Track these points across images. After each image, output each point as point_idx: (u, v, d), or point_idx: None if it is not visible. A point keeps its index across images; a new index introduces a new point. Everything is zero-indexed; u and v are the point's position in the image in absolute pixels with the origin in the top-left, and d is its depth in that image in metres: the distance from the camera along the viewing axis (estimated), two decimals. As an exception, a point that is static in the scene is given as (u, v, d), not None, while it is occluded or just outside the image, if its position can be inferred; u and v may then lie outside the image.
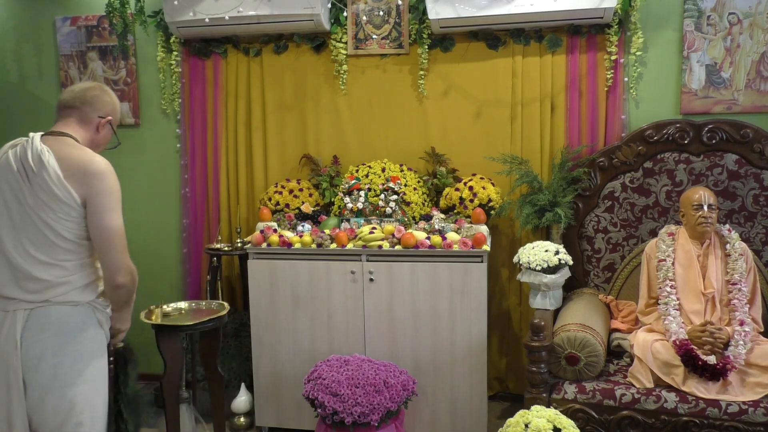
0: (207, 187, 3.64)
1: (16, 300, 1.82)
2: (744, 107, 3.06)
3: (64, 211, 1.81)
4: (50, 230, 1.81)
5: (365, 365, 2.56)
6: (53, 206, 1.80)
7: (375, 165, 3.27)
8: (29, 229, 1.81)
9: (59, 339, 1.83)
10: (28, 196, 1.81)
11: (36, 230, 1.81)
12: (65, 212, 1.81)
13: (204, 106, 3.59)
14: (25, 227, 1.81)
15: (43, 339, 1.81)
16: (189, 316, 2.72)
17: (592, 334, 2.50)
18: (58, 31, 3.70)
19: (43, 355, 1.81)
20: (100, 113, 2.00)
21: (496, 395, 3.44)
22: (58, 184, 1.80)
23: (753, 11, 3.00)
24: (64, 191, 1.80)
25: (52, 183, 1.79)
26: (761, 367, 2.37)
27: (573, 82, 3.18)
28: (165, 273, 3.76)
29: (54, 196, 1.79)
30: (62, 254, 1.83)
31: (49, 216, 1.80)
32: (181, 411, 2.82)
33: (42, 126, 3.76)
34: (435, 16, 3.05)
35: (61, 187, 1.80)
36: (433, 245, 2.83)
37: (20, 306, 1.82)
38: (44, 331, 1.81)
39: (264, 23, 3.25)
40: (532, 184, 3.08)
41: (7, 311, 1.83)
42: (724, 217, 2.94)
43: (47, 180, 1.79)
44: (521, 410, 2.00)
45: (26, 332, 1.81)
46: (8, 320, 1.82)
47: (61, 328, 1.83)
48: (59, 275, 1.83)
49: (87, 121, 1.99)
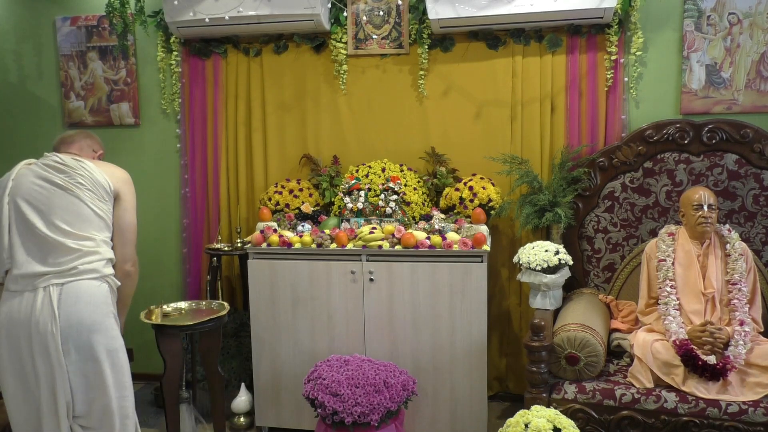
0: (207, 187, 3.64)
1: (48, 275, 2.06)
2: (744, 107, 3.06)
3: (101, 195, 2.18)
4: (86, 208, 2.14)
5: (365, 365, 2.56)
6: (94, 190, 2.16)
7: (375, 165, 3.27)
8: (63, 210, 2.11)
9: (92, 309, 2.09)
10: (67, 183, 2.13)
11: (71, 209, 2.12)
12: (102, 196, 2.18)
13: (204, 106, 3.59)
14: (59, 209, 2.11)
15: (79, 309, 2.07)
16: (189, 316, 2.73)
17: (592, 334, 2.50)
18: (58, 31, 3.70)
19: (81, 323, 2.06)
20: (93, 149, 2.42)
21: (496, 395, 3.44)
22: (101, 175, 2.19)
23: (753, 11, 3.00)
24: (104, 181, 2.19)
25: (96, 173, 2.18)
26: (761, 367, 2.37)
27: (573, 82, 3.18)
28: (165, 273, 3.76)
29: (97, 182, 2.17)
30: (93, 228, 2.15)
31: (87, 196, 2.15)
32: (181, 411, 2.82)
33: (41, 126, 3.79)
34: (435, 16, 3.05)
35: (103, 178, 2.19)
36: (433, 245, 2.83)
37: (50, 281, 2.06)
38: (78, 303, 2.07)
39: (264, 23, 3.25)
40: (532, 184, 3.08)
41: (36, 288, 2.06)
42: (724, 217, 2.94)
43: (91, 171, 2.18)
44: (521, 410, 2.00)
45: (61, 304, 2.05)
46: (40, 295, 2.05)
47: (91, 299, 2.09)
48: (90, 245, 2.13)
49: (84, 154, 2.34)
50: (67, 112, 3.76)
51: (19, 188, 2.14)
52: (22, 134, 3.82)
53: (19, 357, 2.07)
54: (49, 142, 3.73)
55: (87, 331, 2.07)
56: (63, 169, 2.15)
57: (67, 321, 2.04)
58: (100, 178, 2.18)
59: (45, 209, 2.11)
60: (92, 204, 2.15)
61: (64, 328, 2.04)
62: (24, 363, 2.07)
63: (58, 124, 3.79)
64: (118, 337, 2.17)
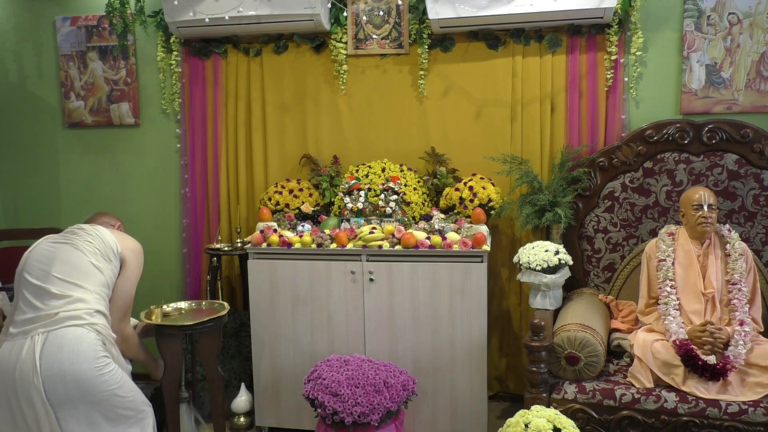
0: (207, 187, 3.64)
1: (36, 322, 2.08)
2: (744, 107, 3.06)
3: (107, 255, 2.27)
4: (88, 263, 2.21)
5: (365, 365, 2.56)
6: (101, 249, 2.26)
7: (375, 165, 3.27)
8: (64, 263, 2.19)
9: (73, 358, 2.05)
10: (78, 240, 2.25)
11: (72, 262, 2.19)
12: (108, 256, 2.27)
13: (204, 106, 3.59)
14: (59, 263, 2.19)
15: (60, 359, 2.04)
16: (189, 316, 2.72)
17: (592, 334, 2.50)
18: (58, 31, 3.70)
19: (64, 373, 2.03)
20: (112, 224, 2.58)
21: (496, 395, 3.44)
22: (110, 237, 2.31)
23: (753, 11, 3.00)
24: (114, 243, 2.30)
25: (106, 235, 2.31)
26: (761, 367, 2.37)
27: (573, 82, 3.18)
28: (165, 273, 3.76)
29: (107, 243, 2.28)
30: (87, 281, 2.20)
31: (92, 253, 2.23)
32: (181, 411, 2.82)
33: (41, 126, 3.79)
34: (435, 16, 3.05)
35: (113, 240, 2.31)
36: (433, 245, 2.83)
37: (38, 330, 2.07)
38: (60, 352, 2.04)
39: (264, 23, 3.25)
40: (532, 184, 3.08)
41: (26, 335, 2.07)
42: (724, 217, 2.94)
43: (103, 233, 2.31)
44: (521, 410, 2.00)
45: (44, 353, 2.03)
46: (27, 343, 2.06)
47: (75, 347, 2.06)
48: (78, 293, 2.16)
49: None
50: (67, 112, 3.76)
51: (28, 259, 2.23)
52: (22, 134, 3.82)
53: (9, 406, 2.05)
54: (50, 142, 3.80)
55: (71, 381, 2.03)
56: (76, 231, 2.29)
57: (49, 370, 2.02)
58: (109, 240, 2.29)
59: (46, 267, 2.18)
60: (93, 259, 2.22)
61: (46, 377, 2.01)
62: (14, 412, 2.05)
63: (58, 124, 3.79)
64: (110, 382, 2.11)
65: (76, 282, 2.16)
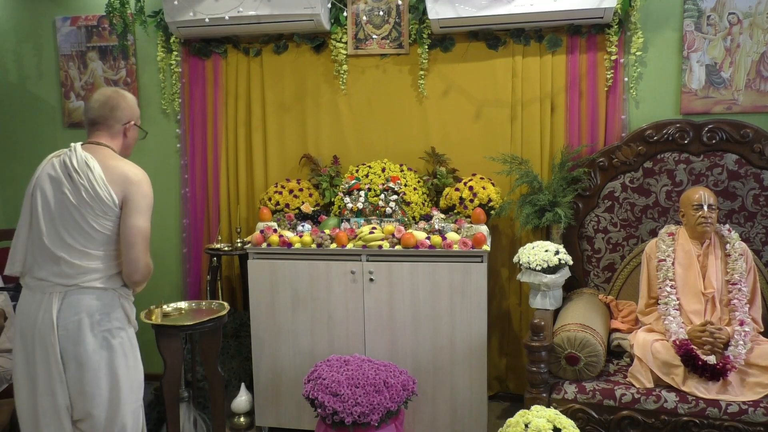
0: (207, 187, 3.64)
1: (51, 283, 2.04)
2: (744, 107, 3.06)
3: (102, 209, 2.05)
4: (87, 225, 2.04)
5: (365, 365, 2.56)
6: (93, 204, 2.04)
7: (375, 165, 3.27)
8: (68, 223, 2.05)
9: (90, 320, 2.05)
10: (71, 195, 2.05)
11: (74, 223, 2.04)
12: (103, 210, 2.05)
13: (204, 106, 3.59)
14: (64, 221, 2.05)
15: (76, 320, 2.03)
16: (189, 316, 2.72)
17: (592, 334, 2.50)
18: (58, 31, 3.70)
19: (79, 333, 2.03)
20: (122, 122, 2.20)
21: (496, 395, 3.44)
22: (103, 187, 2.05)
23: (753, 11, 3.00)
24: (106, 193, 2.05)
25: (98, 186, 2.04)
26: (761, 367, 2.37)
27: (573, 82, 3.18)
28: (165, 273, 3.76)
29: (97, 197, 2.04)
30: (94, 245, 2.07)
31: (88, 212, 2.04)
32: (181, 411, 2.82)
33: (41, 126, 3.79)
34: (435, 16, 3.05)
35: (105, 190, 2.05)
36: (433, 245, 2.83)
37: (55, 289, 2.04)
38: (77, 314, 2.04)
39: (264, 23, 3.25)
40: (532, 184, 3.08)
41: (44, 293, 2.05)
42: (724, 217, 2.94)
43: (93, 183, 2.04)
44: (521, 410, 2.00)
45: (61, 313, 2.03)
46: (45, 301, 2.04)
47: (90, 310, 2.05)
48: (90, 262, 2.06)
49: (114, 131, 2.20)
50: (67, 112, 3.76)
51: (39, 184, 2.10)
52: (23, 134, 3.82)
53: (27, 355, 2.08)
54: (50, 142, 3.79)
55: (82, 343, 2.04)
56: (72, 176, 2.05)
57: (65, 330, 2.03)
58: (102, 192, 2.04)
59: (56, 217, 2.06)
60: (94, 222, 2.05)
61: (62, 337, 2.03)
62: (29, 361, 2.08)
63: (58, 124, 3.79)
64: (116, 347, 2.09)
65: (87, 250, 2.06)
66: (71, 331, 2.03)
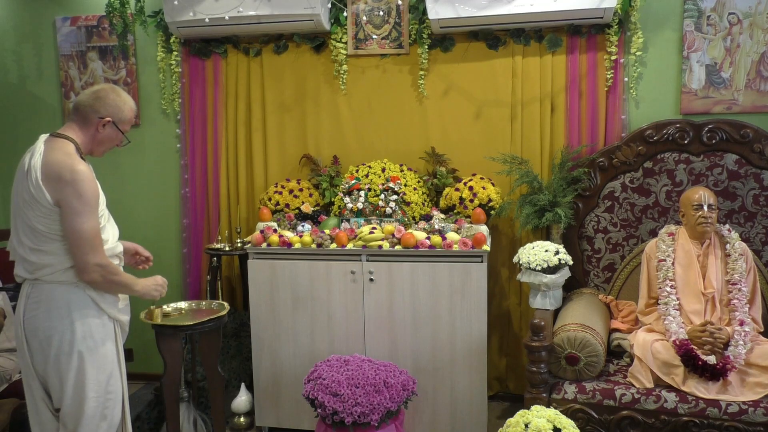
0: (207, 187, 3.64)
1: (21, 278, 2.09)
2: (744, 107, 3.06)
3: (38, 209, 2.00)
4: (32, 224, 2.02)
5: (365, 365, 2.56)
6: (32, 204, 2.00)
7: (375, 165, 3.27)
8: (20, 220, 2.05)
9: (50, 314, 2.04)
10: (24, 192, 2.02)
11: (24, 222, 2.04)
12: (40, 210, 2.00)
13: (204, 106, 3.59)
14: (18, 218, 2.06)
15: (38, 313, 2.04)
16: (189, 316, 2.72)
17: (592, 334, 2.50)
18: (58, 31, 3.70)
19: (37, 327, 2.04)
20: (99, 114, 2.11)
21: (496, 395, 3.44)
22: (36, 186, 1.98)
23: (753, 11, 3.00)
24: (39, 192, 1.98)
25: (31, 185, 1.99)
26: (761, 367, 2.37)
27: (573, 82, 3.18)
28: (165, 273, 3.68)
29: (31, 196, 1.99)
30: (43, 242, 2.03)
31: (28, 211, 2.01)
32: (181, 411, 2.82)
33: (41, 126, 3.79)
34: (435, 16, 3.05)
35: (38, 189, 1.98)
36: (433, 245, 2.83)
37: (25, 284, 2.09)
38: (38, 306, 2.05)
39: (264, 23, 3.25)
40: (532, 184, 3.08)
41: (21, 288, 2.10)
42: (724, 217, 2.94)
43: (30, 181, 1.99)
44: (521, 410, 2.00)
45: (27, 306, 2.06)
46: (20, 296, 2.09)
47: (51, 303, 2.04)
48: (42, 258, 2.03)
49: (87, 122, 2.12)
50: (67, 112, 3.76)
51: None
52: (23, 134, 3.82)
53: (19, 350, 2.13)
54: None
55: (44, 336, 2.04)
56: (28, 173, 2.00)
57: (31, 324, 2.05)
58: (35, 193, 1.97)
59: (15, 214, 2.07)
60: (37, 222, 2.00)
61: (27, 330, 2.06)
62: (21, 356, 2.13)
63: (58, 124, 3.79)
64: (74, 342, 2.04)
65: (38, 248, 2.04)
66: (35, 323, 2.05)
